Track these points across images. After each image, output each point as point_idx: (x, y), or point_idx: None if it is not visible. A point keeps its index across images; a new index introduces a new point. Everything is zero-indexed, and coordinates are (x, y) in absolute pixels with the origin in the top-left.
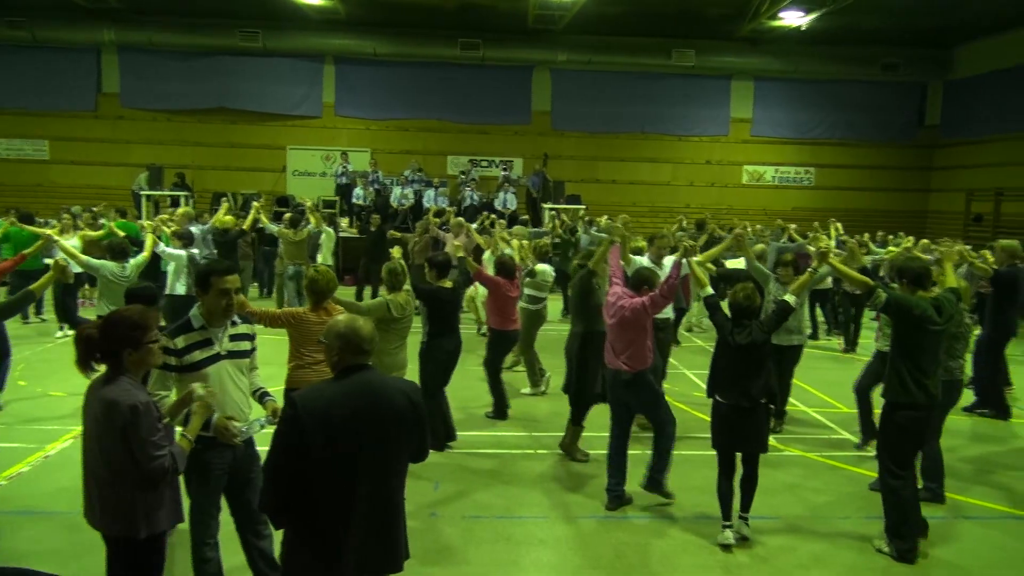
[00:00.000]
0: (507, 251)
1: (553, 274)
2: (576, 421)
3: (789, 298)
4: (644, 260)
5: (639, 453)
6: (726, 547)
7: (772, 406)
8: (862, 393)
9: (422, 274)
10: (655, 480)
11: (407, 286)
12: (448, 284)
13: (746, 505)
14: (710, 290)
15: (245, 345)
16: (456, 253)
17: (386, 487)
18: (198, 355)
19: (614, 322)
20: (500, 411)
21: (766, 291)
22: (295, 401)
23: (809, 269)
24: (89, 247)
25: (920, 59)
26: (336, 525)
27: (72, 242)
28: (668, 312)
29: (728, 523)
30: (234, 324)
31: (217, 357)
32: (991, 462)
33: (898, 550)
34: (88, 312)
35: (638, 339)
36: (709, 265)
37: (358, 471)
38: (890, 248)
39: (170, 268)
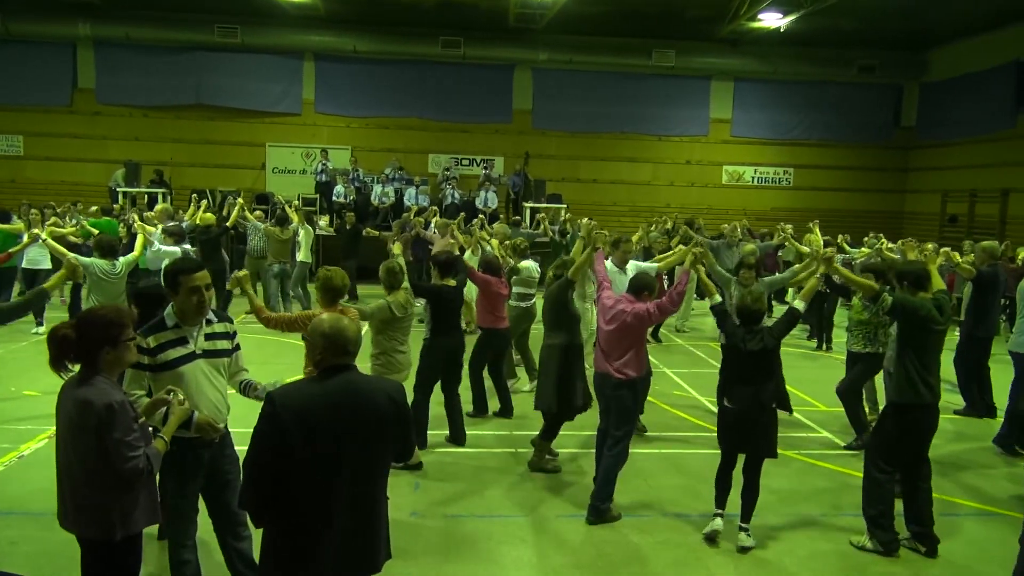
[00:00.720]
0: (487, 249)
1: (538, 270)
2: (547, 436)
3: (799, 304)
4: (607, 264)
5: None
6: (712, 535)
7: (782, 410)
8: (845, 395)
9: (412, 272)
10: (599, 509)
11: (405, 284)
12: (451, 283)
13: (746, 515)
14: (718, 298)
15: (223, 344)
16: (452, 251)
17: (369, 487)
18: (171, 354)
19: (612, 328)
20: (478, 408)
21: (727, 294)
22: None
23: (816, 275)
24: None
25: (896, 61)
26: (316, 525)
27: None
28: None
29: (720, 511)
30: (209, 323)
31: (192, 356)
32: (968, 460)
33: (881, 542)
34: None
35: (635, 345)
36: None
37: (340, 471)
38: (863, 249)
39: (164, 265)
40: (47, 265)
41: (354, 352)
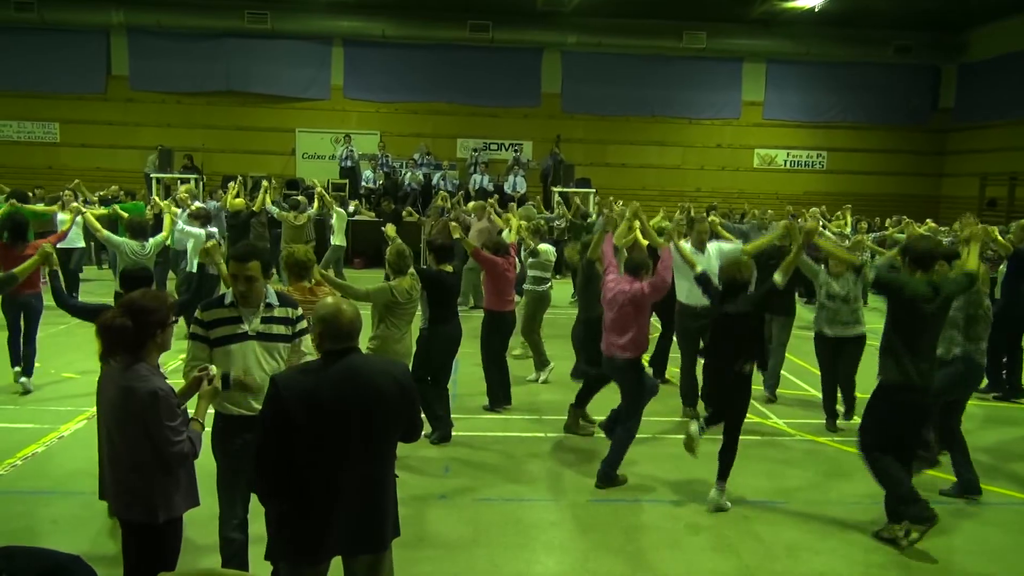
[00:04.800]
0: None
1: (555, 254)
2: (579, 404)
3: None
4: (685, 245)
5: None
6: (717, 508)
7: (761, 370)
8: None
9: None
10: (607, 475)
11: (412, 270)
12: (448, 269)
13: (723, 474)
14: (700, 268)
15: (280, 329)
16: (455, 234)
17: (374, 468)
18: (223, 331)
19: (613, 310)
20: (496, 400)
21: (817, 284)
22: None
23: (797, 248)
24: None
25: (934, 42)
26: (321, 505)
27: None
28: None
29: (721, 484)
30: (270, 307)
31: (244, 336)
32: (1003, 446)
33: (912, 516)
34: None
35: (635, 325)
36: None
37: (344, 452)
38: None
39: (189, 245)
40: (80, 244)
41: (353, 335)
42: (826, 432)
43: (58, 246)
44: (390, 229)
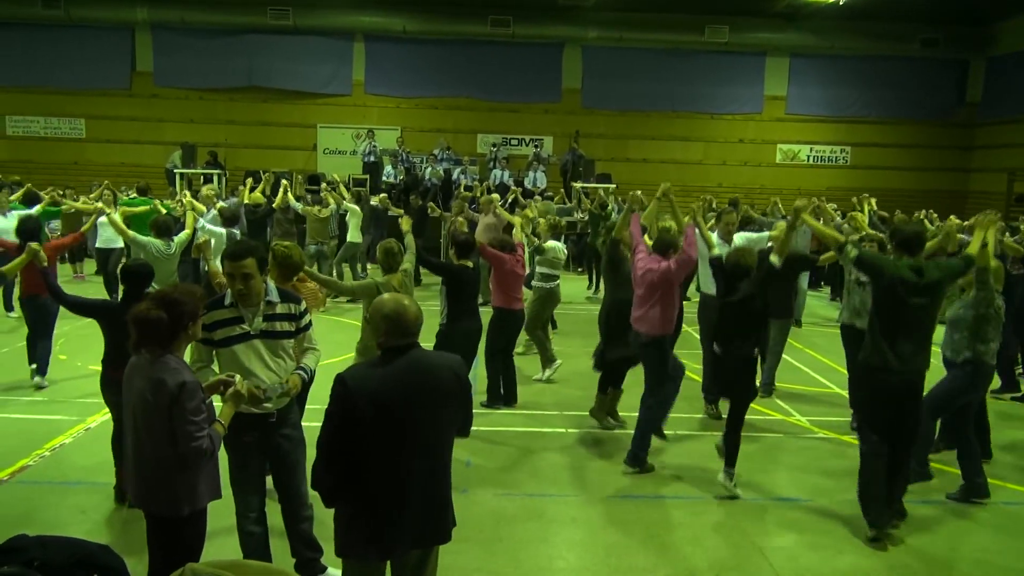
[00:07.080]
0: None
1: (564, 251)
2: (602, 389)
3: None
4: (713, 238)
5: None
6: (728, 494)
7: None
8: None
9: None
10: (636, 456)
11: (405, 266)
12: (469, 264)
13: (730, 459)
14: (717, 251)
15: (284, 326)
16: (461, 228)
17: (438, 461)
18: (225, 332)
19: (643, 288)
20: (502, 397)
21: (846, 269)
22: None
23: (791, 229)
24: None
25: (961, 35)
26: (388, 501)
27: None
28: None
29: (730, 469)
30: (271, 304)
31: (246, 336)
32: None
33: (865, 517)
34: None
35: (660, 303)
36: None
37: (409, 447)
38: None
39: (211, 245)
40: (119, 244)
41: (415, 331)
42: (850, 430)
43: (97, 246)
44: (404, 223)
